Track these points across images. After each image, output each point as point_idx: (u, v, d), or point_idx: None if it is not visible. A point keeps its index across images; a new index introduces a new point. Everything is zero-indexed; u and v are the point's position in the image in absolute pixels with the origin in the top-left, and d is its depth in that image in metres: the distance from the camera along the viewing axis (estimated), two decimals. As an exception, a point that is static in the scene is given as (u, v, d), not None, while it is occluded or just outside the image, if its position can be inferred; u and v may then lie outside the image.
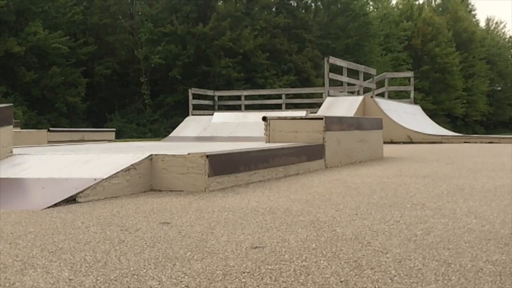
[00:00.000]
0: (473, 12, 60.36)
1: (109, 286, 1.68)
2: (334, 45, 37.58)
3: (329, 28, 38.92)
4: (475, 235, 2.35)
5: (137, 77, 32.57)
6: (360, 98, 14.95)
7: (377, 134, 7.49)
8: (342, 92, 16.25)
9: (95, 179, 3.53)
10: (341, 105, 14.35)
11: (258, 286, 1.67)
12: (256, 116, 13.47)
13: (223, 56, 31.76)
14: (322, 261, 1.93)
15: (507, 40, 62.57)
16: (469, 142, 13.59)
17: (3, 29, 27.57)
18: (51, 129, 14.77)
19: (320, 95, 19.69)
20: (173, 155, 3.92)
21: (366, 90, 17.24)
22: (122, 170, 3.67)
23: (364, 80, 17.00)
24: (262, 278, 1.74)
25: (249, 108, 19.16)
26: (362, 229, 2.50)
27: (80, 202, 3.33)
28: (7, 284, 1.70)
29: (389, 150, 8.60)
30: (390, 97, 19.78)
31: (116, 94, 32.43)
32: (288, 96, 20.73)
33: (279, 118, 6.41)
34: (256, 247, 2.15)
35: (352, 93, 16.90)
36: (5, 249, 2.18)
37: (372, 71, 18.17)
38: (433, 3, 55.87)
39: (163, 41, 31.50)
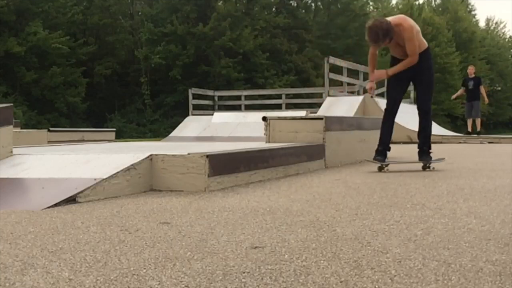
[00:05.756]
0: (473, 12, 60.37)
1: (109, 286, 1.68)
2: (334, 45, 37.62)
3: (329, 28, 38.97)
4: (475, 235, 2.35)
5: (137, 77, 32.59)
6: (360, 98, 14.94)
7: (377, 134, 7.47)
8: (342, 92, 16.25)
9: (95, 179, 3.53)
10: (341, 105, 14.34)
11: (258, 286, 1.67)
12: (256, 116, 13.44)
13: (223, 56, 31.80)
14: (322, 261, 1.93)
15: (507, 40, 62.55)
16: (468, 143, 13.59)
17: (3, 29, 27.59)
18: (51, 129, 14.75)
19: (320, 95, 19.68)
20: (173, 155, 3.92)
21: (366, 90, 17.23)
22: (122, 170, 3.67)
23: (364, 80, 16.97)
24: (262, 278, 1.74)
25: (249, 108, 19.17)
26: (362, 229, 2.50)
27: (80, 202, 3.33)
28: (7, 284, 1.70)
29: (389, 150, 8.57)
30: (390, 97, 19.74)
31: (116, 94, 32.45)
32: (288, 96, 20.73)
33: (279, 118, 6.40)
34: (256, 247, 2.15)
35: (352, 93, 16.90)
36: (5, 249, 2.18)
37: (372, 71, 18.13)
38: (433, 3, 55.86)
39: (163, 41, 31.53)
